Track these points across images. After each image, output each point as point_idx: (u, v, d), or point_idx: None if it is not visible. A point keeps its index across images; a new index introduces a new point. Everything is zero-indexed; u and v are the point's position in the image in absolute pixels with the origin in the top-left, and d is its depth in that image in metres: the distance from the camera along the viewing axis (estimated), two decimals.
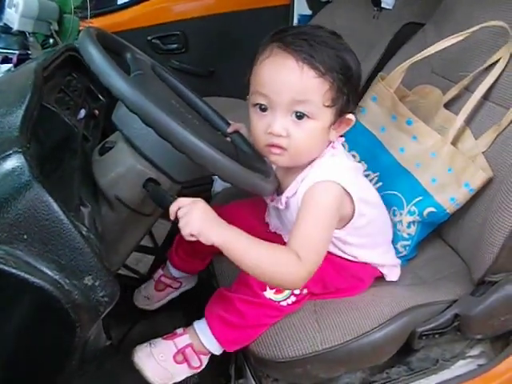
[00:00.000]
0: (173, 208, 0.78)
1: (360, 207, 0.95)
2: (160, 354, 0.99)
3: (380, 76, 1.29)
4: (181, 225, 0.76)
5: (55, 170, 0.86)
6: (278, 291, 0.95)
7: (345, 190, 0.89)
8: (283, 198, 0.97)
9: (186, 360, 0.99)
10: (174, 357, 0.99)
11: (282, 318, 0.99)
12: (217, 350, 1.00)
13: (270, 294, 0.95)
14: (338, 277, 1.03)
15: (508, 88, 1.12)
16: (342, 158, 0.95)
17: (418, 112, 1.24)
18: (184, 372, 1.01)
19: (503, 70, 1.12)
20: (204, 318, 1.00)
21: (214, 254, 1.18)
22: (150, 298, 1.28)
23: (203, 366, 1.02)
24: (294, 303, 0.97)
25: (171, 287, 1.27)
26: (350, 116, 0.91)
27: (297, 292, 0.97)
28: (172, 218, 0.78)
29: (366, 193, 1.01)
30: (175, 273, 1.26)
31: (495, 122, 1.12)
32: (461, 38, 1.16)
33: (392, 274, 1.11)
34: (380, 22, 1.84)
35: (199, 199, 0.79)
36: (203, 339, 0.99)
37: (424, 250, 1.23)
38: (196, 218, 0.76)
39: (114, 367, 1.18)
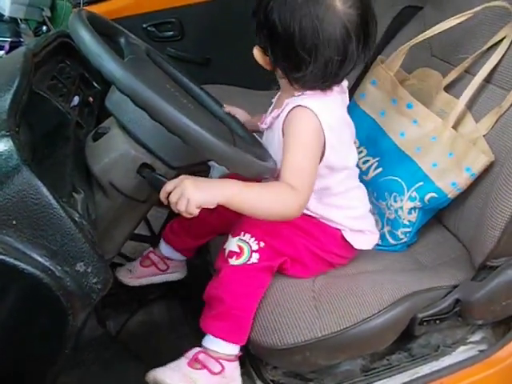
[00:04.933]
0: (163, 195, 0.81)
1: (330, 156, 0.96)
2: (173, 365, 0.95)
3: (380, 59, 1.27)
4: (181, 205, 0.80)
5: (48, 156, 0.85)
6: (238, 255, 0.96)
7: (319, 120, 0.91)
8: (269, 117, 1.01)
9: (204, 366, 0.95)
10: (189, 364, 0.95)
11: (270, 298, 0.99)
12: (232, 349, 0.97)
13: (232, 261, 0.96)
14: (293, 230, 1.02)
15: (506, 70, 1.11)
16: (333, 102, 0.96)
17: (418, 95, 1.22)
18: (207, 378, 0.96)
19: (506, 51, 1.11)
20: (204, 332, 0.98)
21: (210, 234, 1.18)
22: (133, 271, 1.23)
23: (231, 371, 0.98)
24: (260, 261, 0.97)
25: (157, 267, 1.23)
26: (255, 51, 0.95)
27: (255, 248, 0.96)
28: (164, 200, 0.82)
29: (342, 149, 1.00)
30: (165, 250, 1.23)
31: (496, 104, 1.11)
32: (462, 19, 1.14)
33: (358, 240, 1.07)
34: (378, 5, 1.80)
35: (182, 176, 0.83)
36: (214, 347, 0.96)
37: (424, 236, 1.21)
38: (194, 192, 0.80)
39: (113, 358, 1.18)
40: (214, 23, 2.12)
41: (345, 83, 1.01)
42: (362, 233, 1.09)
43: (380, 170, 1.18)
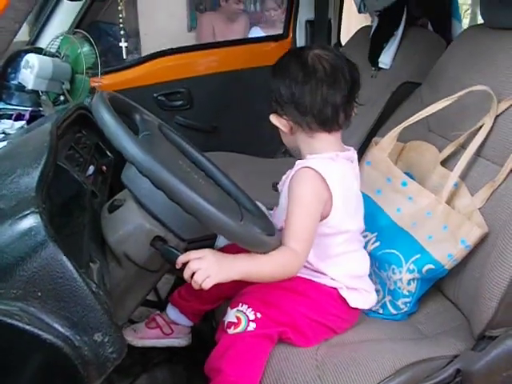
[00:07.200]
0: (181, 259, 0.88)
1: (335, 217, 1.03)
2: None
3: (374, 141, 1.35)
4: (198, 278, 0.87)
5: (65, 225, 0.89)
6: (236, 325, 1.01)
7: (325, 181, 1.00)
8: (284, 176, 1.11)
9: None
10: None
11: (274, 367, 1.01)
12: None
13: (230, 331, 1.01)
14: (290, 296, 1.07)
15: (498, 146, 1.17)
16: (341, 168, 1.05)
17: (415, 169, 1.28)
18: None
19: (491, 130, 1.18)
20: None
21: (218, 300, 1.20)
22: (137, 331, 1.24)
23: None
24: (257, 329, 1.01)
25: (161, 330, 1.25)
26: (271, 117, 1.07)
27: (252, 317, 1.01)
28: (178, 267, 0.88)
29: (350, 205, 1.07)
30: (171, 313, 1.25)
31: (490, 178, 1.16)
32: (448, 102, 1.23)
33: (353, 298, 1.10)
34: (378, 81, 1.91)
35: (206, 251, 0.90)
36: None
37: (425, 304, 1.23)
38: (217, 271, 0.88)
39: None
40: (220, 93, 2.23)
41: (354, 155, 1.10)
42: (358, 291, 1.12)
43: (377, 243, 1.21)
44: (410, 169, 1.30)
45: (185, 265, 0.88)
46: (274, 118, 1.07)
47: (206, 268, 0.87)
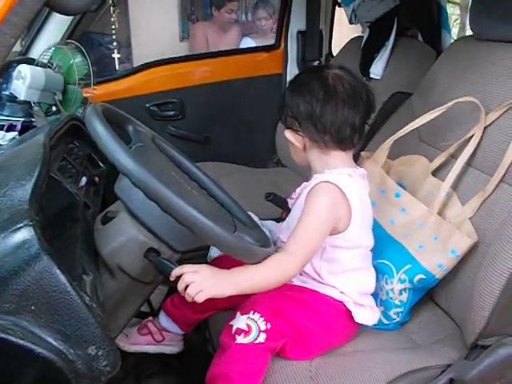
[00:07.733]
0: (175, 272, 0.87)
1: (352, 230, 1.05)
2: None
3: (365, 155, 1.36)
4: (192, 291, 0.87)
5: (57, 237, 0.89)
6: (246, 333, 0.99)
7: (345, 196, 1.02)
8: (298, 189, 1.12)
9: None
10: None
11: (269, 379, 1.00)
12: None
13: (240, 339, 0.99)
14: (298, 308, 1.06)
15: (488, 156, 1.18)
16: (358, 184, 1.07)
17: (407, 180, 1.29)
18: None
19: (480, 140, 1.19)
20: None
21: (211, 310, 1.20)
22: (129, 336, 1.25)
23: None
24: (266, 341, 0.99)
25: (152, 337, 1.25)
26: (286, 132, 1.09)
27: (263, 328, 1.00)
28: (172, 279, 0.87)
29: (364, 220, 1.09)
30: (163, 321, 1.25)
31: (480, 188, 1.16)
32: (438, 113, 1.25)
33: (359, 313, 1.11)
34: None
35: (202, 266, 0.90)
36: None
37: (418, 314, 1.24)
38: (211, 285, 0.88)
39: None
40: (213, 104, 2.24)
41: (365, 173, 1.12)
42: (364, 307, 1.13)
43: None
44: (402, 180, 1.31)
45: (179, 277, 0.88)
46: (288, 134, 1.09)
47: (200, 282, 0.87)
